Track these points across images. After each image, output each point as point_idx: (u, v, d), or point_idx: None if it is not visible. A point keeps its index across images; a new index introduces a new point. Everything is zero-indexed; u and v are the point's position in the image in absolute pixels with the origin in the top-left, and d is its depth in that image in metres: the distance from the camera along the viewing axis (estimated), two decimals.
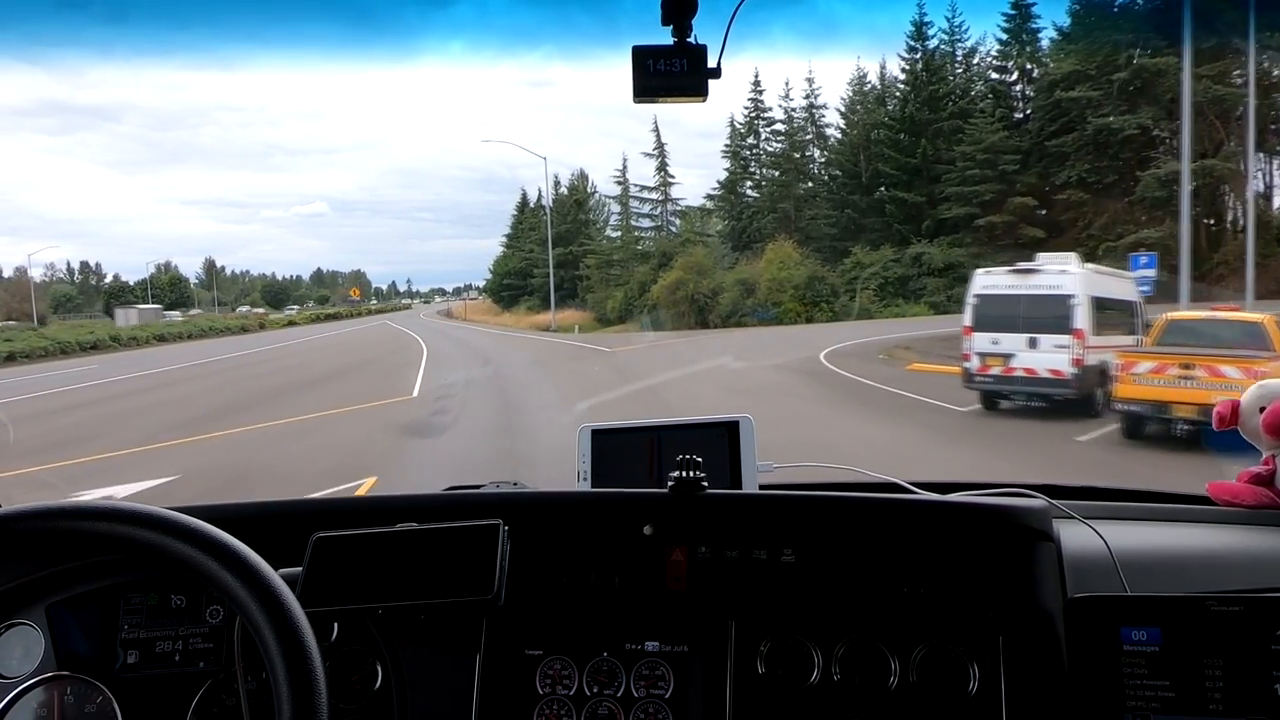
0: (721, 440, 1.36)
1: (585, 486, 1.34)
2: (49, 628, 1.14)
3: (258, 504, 1.24)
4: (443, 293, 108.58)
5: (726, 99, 40.16)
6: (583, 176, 49.80)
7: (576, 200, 49.50)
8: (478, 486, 1.35)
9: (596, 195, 49.22)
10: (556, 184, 49.45)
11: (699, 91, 1.18)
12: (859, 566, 1.07)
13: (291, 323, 50.12)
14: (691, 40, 1.17)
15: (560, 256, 40.96)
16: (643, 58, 1.17)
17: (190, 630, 1.16)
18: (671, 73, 1.17)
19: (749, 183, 41.21)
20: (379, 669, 1.12)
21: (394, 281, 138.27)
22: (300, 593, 1.02)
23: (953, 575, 1.05)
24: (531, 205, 56.03)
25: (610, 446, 1.38)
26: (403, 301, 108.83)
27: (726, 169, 41.97)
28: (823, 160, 40.98)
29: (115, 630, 1.16)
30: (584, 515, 1.17)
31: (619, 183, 44.22)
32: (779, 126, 40.10)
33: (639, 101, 1.17)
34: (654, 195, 43.59)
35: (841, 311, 31.45)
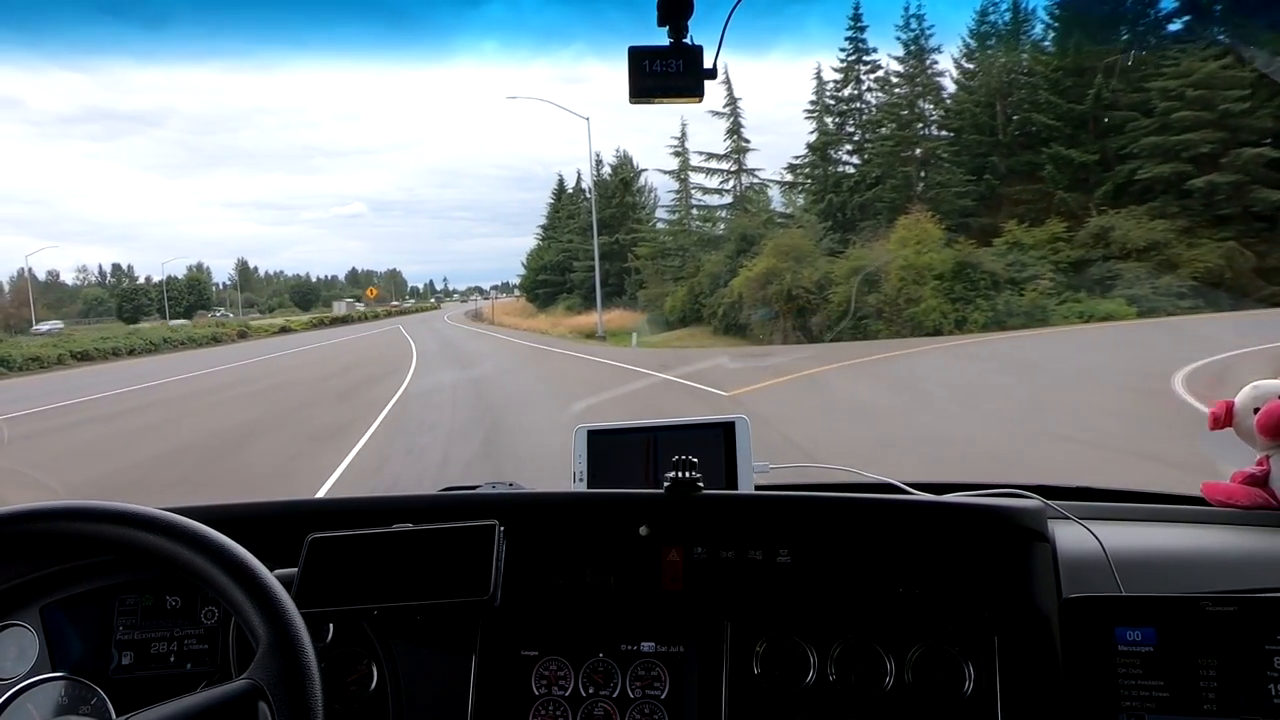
0: (718, 441, 1.40)
1: (581, 487, 1.43)
2: (43, 629, 1.21)
3: (253, 504, 1.32)
4: (481, 291, 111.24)
5: (816, 53, 31.79)
6: (626, 158, 44.19)
7: (623, 180, 44.26)
8: (473, 487, 1.42)
9: (645, 177, 43.92)
10: (599, 164, 43.45)
11: (695, 92, 1.24)
12: (855, 567, 1.15)
13: (285, 328, 41.39)
14: (688, 41, 1.23)
15: (605, 246, 35.59)
16: (639, 58, 1.23)
17: (185, 631, 1.23)
18: (668, 73, 1.22)
19: (847, 146, 30.81)
20: (374, 670, 1.19)
21: (431, 281, 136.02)
22: (295, 594, 1.08)
23: (948, 576, 1.13)
24: (569, 190, 50.93)
25: (606, 447, 1.44)
26: (430, 301, 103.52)
27: (814, 131, 36.01)
28: (935, 116, 30.61)
29: (110, 631, 1.23)
30: (580, 516, 1.25)
31: (677, 153, 35.28)
32: (894, 66, 29.88)
33: (635, 102, 1.24)
34: (724, 166, 33.37)
35: (1002, 311, 23.97)
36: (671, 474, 1.18)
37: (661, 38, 1.22)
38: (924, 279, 24.20)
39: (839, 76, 34.92)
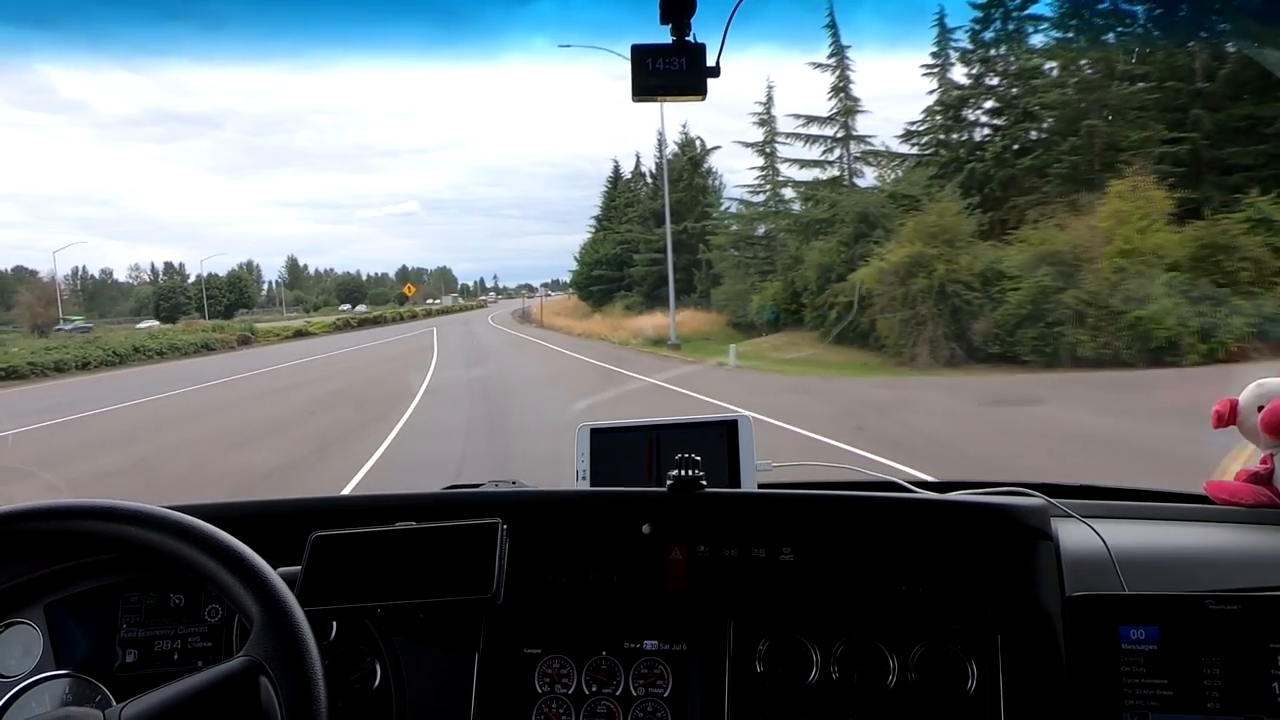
0: (720, 439, 1.39)
1: (584, 485, 1.41)
2: (48, 627, 1.21)
3: (256, 503, 1.31)
4: (530, 289, 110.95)
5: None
6: (692, 138, 37.40)
7: (692, 160, 36.94)
8: (476, 485, 1.40)
9: (711, 158, 36.89)
10: (661, 144, 36.93)
11: (697, 90, 1.23)
12: (857, 565, 1.15)
13: (303, 332, 35.96)
14: (691, 39, 1.23)
15: (673, 236, 27.89)
16: (642, 56, 1.22)
17: (189, 629, 1.23)
18: (670, 71, 1.21)
19: (989, 103, 23.60)
20: (378, 668, 1.19)
21: (481, 279, 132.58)
22: (299, 592, 1.07)
23: (951, 574, 1.13)
24: (626, 176, 45.37)
25: (609, 445, 1.42)
26: (474, 299, 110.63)
27: (935, 90, 26.58)
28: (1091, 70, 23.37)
29: (114, 629, 1.23)
30: (583, 514, 1.25)
31: (762, 122, 28.01)
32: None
33: (637, 100, 1.24)
34: (828, 132, 26.39)
35: (1268, 316, 15.71)
36: (674, 472, 1.18)
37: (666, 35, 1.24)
38: (1153, 270, 16.43)
39: (978, 15, 27.47)
